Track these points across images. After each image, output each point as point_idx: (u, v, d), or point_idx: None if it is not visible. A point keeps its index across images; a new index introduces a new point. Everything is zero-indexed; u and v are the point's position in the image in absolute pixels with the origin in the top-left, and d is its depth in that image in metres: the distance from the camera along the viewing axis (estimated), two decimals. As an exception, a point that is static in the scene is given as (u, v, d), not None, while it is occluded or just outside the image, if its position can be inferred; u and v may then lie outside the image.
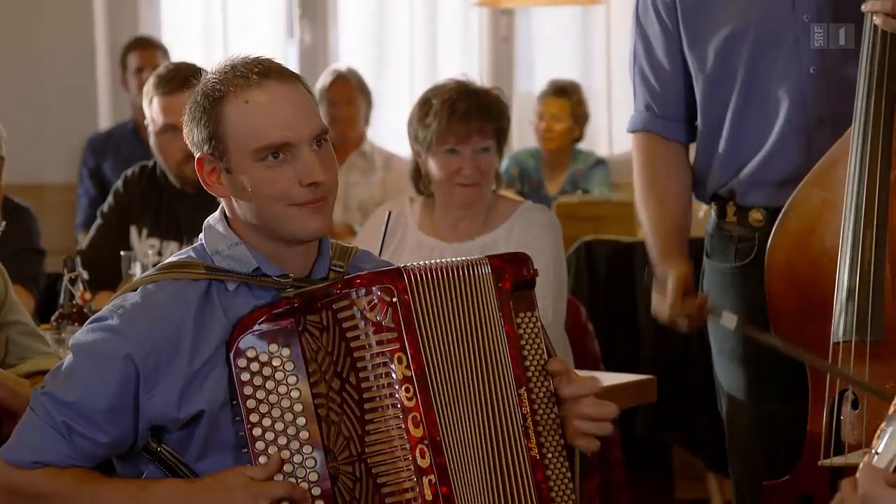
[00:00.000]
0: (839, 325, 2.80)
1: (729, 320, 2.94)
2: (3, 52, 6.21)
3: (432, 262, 2.39)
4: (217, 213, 2.43)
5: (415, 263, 2.37)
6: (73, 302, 3.52)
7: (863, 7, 2.84)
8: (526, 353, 2.43)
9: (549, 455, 2.41)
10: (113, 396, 2.31)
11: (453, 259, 2.41)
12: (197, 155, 2.38)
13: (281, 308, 2.31)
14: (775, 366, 3.00)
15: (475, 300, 2.39)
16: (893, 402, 1.88)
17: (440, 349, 2.33)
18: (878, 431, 1.90)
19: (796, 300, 2.95)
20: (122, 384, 2.31)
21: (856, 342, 2.78)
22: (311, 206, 2.34)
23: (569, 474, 2.43)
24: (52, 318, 3.55)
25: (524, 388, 2.40)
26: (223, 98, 2.34)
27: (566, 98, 6.16)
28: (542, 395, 2.42)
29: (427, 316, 2.33)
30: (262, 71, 2.35)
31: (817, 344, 2.85)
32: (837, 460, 2.71)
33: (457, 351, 2.35)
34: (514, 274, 2.44)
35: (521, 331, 2.43)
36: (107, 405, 2.31)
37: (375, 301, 2.30)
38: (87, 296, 3.54)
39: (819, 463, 2.69)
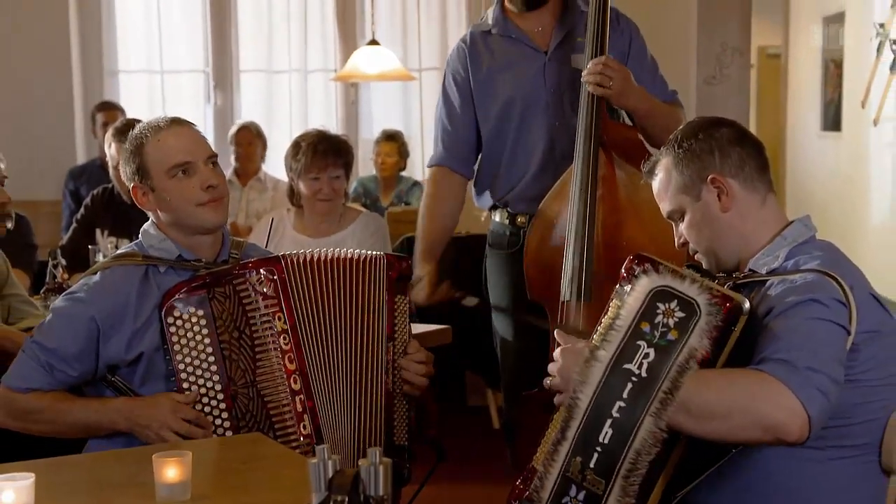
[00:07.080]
0: (565, 290, 2.86)
1: (470, 301, 2.97)
2: (6, 110, 6.04)
3: (323, 251, 2.36)
4: (149, 222, 2.42)
5: (312, 251, 2.35)
6: (56, 281, 3.47)
7: (582, 78, 2.91)
8: (397, 322, 2.43)
9: (397, 391, 2.42)
10: (80, 345, 2.28)
11: (349, 251, 2.39)
12: (130, 185, 2.37)
13: (197, 283, 2.30)
14: (531, 317, 3.04)
15: (368, 278, 2.37)
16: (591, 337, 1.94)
17: (310, 311, 2.31)
18: None
19: (542, 274, 2.99)
20: (87, 337, 2.28)
21: (574, 301, 2.83)
22: (210, 204, 2.33)
23: (406, 405, 2.44)
24: (42, 291, 3.49)
25: (391, 343, 2.40)
26: (143, 143, 2.33)
27: (395, 142, 6.17)
28: (400, 352, 2.43)
29: (300, 288, 2.31)
30: (169, 120, 2.36)
31: (554, 301, 2.89)
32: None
33: (331, 312, 2.33)
34: (399, 268, 2.43)
35: (397, 306, 2.43)
36: (76, 350, 2.28)
37: (262, 278, 2.30)
38: (66, 276, 3.50)
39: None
